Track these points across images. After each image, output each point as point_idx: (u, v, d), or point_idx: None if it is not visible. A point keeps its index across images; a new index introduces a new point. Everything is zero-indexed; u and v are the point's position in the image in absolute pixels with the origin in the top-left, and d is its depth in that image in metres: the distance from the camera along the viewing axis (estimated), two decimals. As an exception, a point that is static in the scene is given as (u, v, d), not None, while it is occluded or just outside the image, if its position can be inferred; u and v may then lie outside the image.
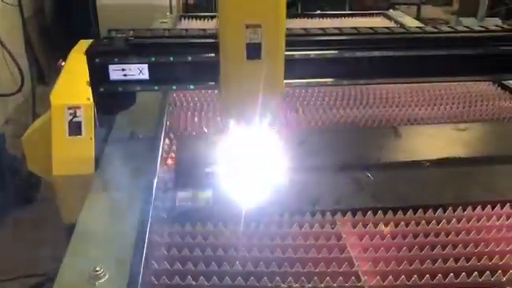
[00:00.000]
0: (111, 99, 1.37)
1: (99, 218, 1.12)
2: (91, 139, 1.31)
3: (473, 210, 1.15)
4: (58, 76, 1.47)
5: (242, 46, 1.03)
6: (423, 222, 1.10)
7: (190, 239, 1.05)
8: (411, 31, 1.56)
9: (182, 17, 3.04)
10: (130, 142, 1.41)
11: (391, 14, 2.97)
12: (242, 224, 1.08)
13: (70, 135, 1.31)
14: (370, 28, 1.52)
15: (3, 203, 2.84)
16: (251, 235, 1.06)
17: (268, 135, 1.15)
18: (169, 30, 1.62)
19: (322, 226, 1.10)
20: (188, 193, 1.18)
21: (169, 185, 1.26)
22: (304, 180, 1.25)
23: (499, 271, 0.95)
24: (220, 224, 1.09)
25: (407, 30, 1.59)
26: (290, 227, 1.09)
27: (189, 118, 1.64)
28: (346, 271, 0.96)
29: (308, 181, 1.25)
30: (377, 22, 2.90)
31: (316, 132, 1.59)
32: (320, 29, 1.50)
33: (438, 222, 1.10)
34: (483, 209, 1.15)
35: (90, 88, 1.33)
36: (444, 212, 1.14)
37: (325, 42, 1.43)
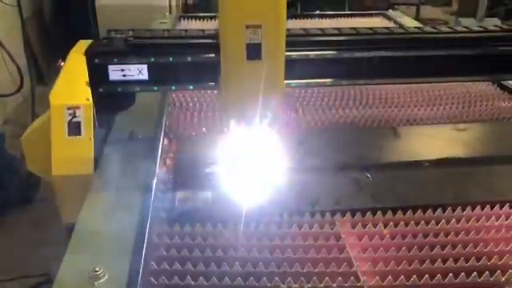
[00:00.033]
0: (110, 99, 1.37)
1: (99, 218, 1.12)
2: (90, 139, 1.31)
3: (472, 210, 1.15)
4: (58, 76, 1.47)
5: (243, 47, 1.03)
6: (422, 222, 1.10)
7: (190, 240, 1.05)
8: (410, 31, 1.57)
9: (182, 17, 3.04)
10: (129, 143, 1.41)
11: (390, 15, 2.98)
12: (242, 224, 1.08)
13: (70, 135, 1.30)
14: (370, 28, 1.52)
15: (2, 203, 2.84)
16: (250, 235, 1.06)
17: (268, 135, 1.15)
18: (168, 31, 1.62)
19: (322, 227, 1.10)
20: (187, 193, 1.19)
21: (168, 185, 1.26)
22: (303, 180, 1.25)
23: (498, 271, 0.95)
24: (219, 224, 1.09)
25: (406, 31, 1.59)
26: (290, 227, 1.09)
27: (188, 119, 1.64)
28: (345, 271, 0.97)
29: (307, 181, 1.25)
30: (376, 23, 2.90)
31: (315, 132, 1.59)
32: (319, 29, 1.50)
33: (438, 222, 1.10)
34: (482, 209, 1.15)
35: (90, 88, 1.33)
36: (443, 212, 1.14)
37: (324, 43, 1.43)
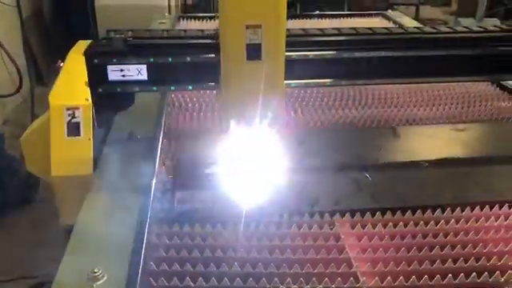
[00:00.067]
0: (109, 100, 1.37)
1: (98, 219, 1.12)
2: (90, 140, 1.31)
3: (471, 211, 1.15)
4: (57, 77, 1.47)
5: (243, 47, 1.03)
6: (421, 223, 1.10)
7: (189, 240, 1.05)
8: (410, 32, 1.57)
9: (181, 17, 3.04)
10: (129, 143, 1.41)
11: (390, 15, 2.98)
12: (241, 225, 1.08)
13: (69, 136, 1.30)
14: (369, 28, 1.52)
15: (2, 204, 2.84)
16: (250, 236, 1.06)
17: (267, 136, 1.15)
18: (167, 31, 1.62)
19: (321, 227, 1.10)
20: (186, 193, 1.18)
21: (167, 185, 1.26)
22: (302, 180, 1.25)
23: (497, 272, 0.95)
24: (218, 225, 1.09)
25: (406, 31, 1.59)
26: (289, 228, 1.09)
27: (187, 119, 1.64)
28: (345, 272, 0.96)
29: (306, 181, 1.25)
30: (375, 23, 2.90)
31: (315, 132, 1.59)
32: (318, 29, 1.50)
33: (437, 223, 1.10)
34: (481, 209, 1.15)
35: (89, 89, 1.32)
36: (443, 212, 1.14)
37: (323, 43, 1.43)
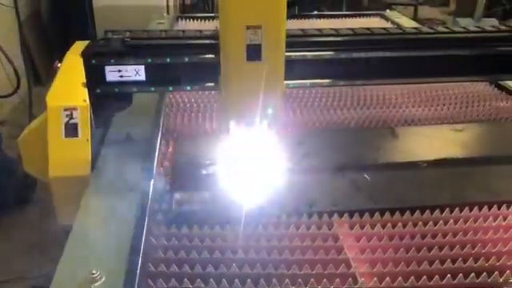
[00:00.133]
0: (107, 100, 1.37)
1: (95, 220, 1.11)
2: (88, 141, 1.30)
3: (470, 211, 1.15)
4: (54, 77, 1.46)
5: (243, 47, 1.03)
6: (420, 223, 1.10)
7: (187, 241, 1.05)
8: (408, 32, 1.56)
9: (179, 18, 3.04)
10: (126, 144, 1.41)
11: (388, 15, 2.98)
12: (239, 226, 1.07)
13: (67, 137, 1.30)
14: (367, 29, 1.52)
15: (-1, 204, 2.83)
16: (248, 237, 1.06)
17: (266, 136, 1.14)
18: (165, 31, 1.62)
19: (319, 228, 1.10)
20: (184, 194, 1.18)
21: (166, 186, 1.25)
22: (301, 181, 1.24)
23: (496, 272, 0.95)
24: (217, 226, 1.09)
25: (404, 31, 1.59)
26: (287, 229, 1.09)
27: (186, 119, 1.63)
28: (343, 273, 0.96)
29: (305, 182, 1.25)
30: (374, 23, 2.90)
31: (313, 133, 1.58)
32: (317, 30, 1.50)
33: (436, 223, 1.10)
34: (480, 209, 1.15)
35: (87, 89, 1.32)
36: (441, 213, 1.14)
37: (322, 43, 1.43)
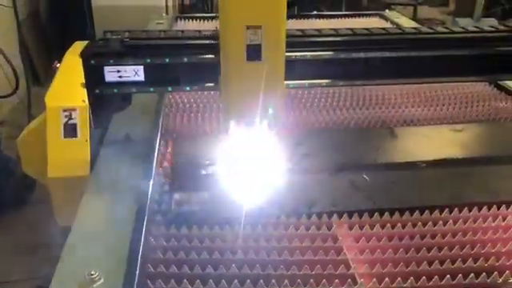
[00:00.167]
0: (106, 100, 1.37)
1: (94, 221, 1.11)
2: (87, 141, 1.30)
3: (469, 211, 1.15)
4: (53, 78, 1.46)
5: (243, 48, 1.03)
6: (419, 224, 1.10)
7: (186, 242, 1.04)
8: (407, 32, 1.56)
9: (178, 18, 3.04)
10: (125, 144, 1.41)
11: (387, 15, 2.98)
12: (238, 226, 1.07)
13: (66, 137, 1.30)
14: (366, 29, 1.51)
15: (-2, 205, 2.83)
16: (247, 237, 1.06)
17: (265, 136, 1.14)
18: (164, 32, 1.62)
19: (319, 228, 1.09)
20: (184, 195, 1.18)
21: (165, 187, 1.25)
22: (300, 181, 1.24)
23: (495, 272, 0.95)
24: (216, 226, 1.09)
25: (403, 31, 1.59)
26: (286, 229, 1.09)
27: (185, 120, 1.63)
28: (343, 273, 0.96)
29: (304, 182, 1.25)
30: (373, 23, 2.90)
31: (312, 133, 1.58)
32: (316, 30, 1.50)
33: (435, 224, 1.10)
34: (479, 210, 1.15)
35: (86, 90, 1.32)
36: (441, 213, 1.14)
37: (321, 43, 1.43)
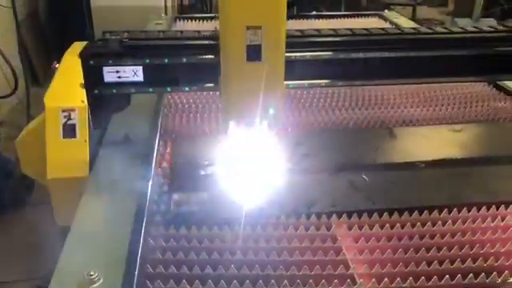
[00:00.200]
0: (105, 101, 1.36)
1: (93, 221, 1.11)
2: (86, 141, 1.30)
3: (468, 212, 1.15)
4: (52, 78, 1.46)
5: (243, 48, 1.03)
6: (419, 224, 1.10)
7: (185, 242, 1.04)
8: (406, 32, 1.56)
9: (177, 18, 3.04)
10: (124, 144, 1.41)
11: (386, 15, 2.98)
12: (237, 227, 1.07)
13: (65, 138, 1.30)
14: (365, 29, 1.51)
15: (-4, 205, 2.83)
16: (246, 238, 1.06)
17: (265, 137, 1.14)
18: (163, 32, 1.62)
19: (318, 229, 1.09)
20: (183, 195, 1.18)
21: (164, 187, 1.25)
22: (299, 182, 1.24)
23: (494, 272, 0.95)
24: (215, 227, 1.09)
25: (402, 31, 1.59)
26: (286, 230, 1.09)
27: (184, 120, 1.63)
28: (342, 274, 0.96)
29: (303, 182, 1.25)
30: (372, 23, 2.90)
31: (311, 134, 1.58)
32: (315, 30, 1.50)
33: (434, 224, 1.10)
34: (479, 210, 1.15)
35: (85, 90, 1.32)
36: (440, 213, 1.14)
37: (320, 44, 1.43)
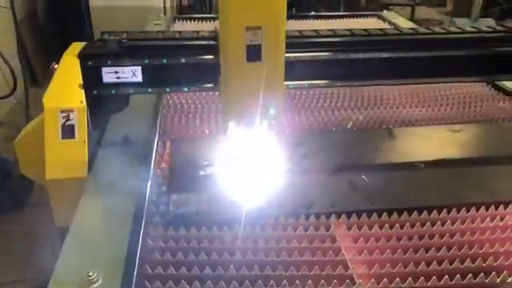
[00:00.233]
0: (104, 101, 1.36)
1: (92, 222, 1.11)
2: (84, 142, 1.30)
3: (467, 212, 1.15)
4: (51, 79, 1.46)
5: (243, 48, 1.03)
6: (418, 224, 1.10)
7: (184, 243, 1.04)
8: (405, 32, 1.57)
9: (176, 18, 3.03)
10: (123, 145, 1.41)
11: (385, 16, 2.98)
12: (236, 227, 1.07)
13: (63, 138, 1.30)
14: (364, 30, 1.51)
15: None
16: (245, 238, 1.06)
17: (264, 137, 1.14)
18: (162, 32, 1.62)
19: (317, 229, 1.09)
20: (182, 196, 1.18)
21: (163, 188, 1.25)
22: (298, 182, 1.24)
23: (493, 272, 0.95)
24: (214, 227, 1.08)
25: (401, 32, 1.59)
26: (285, 230, 1.09)
27: (183, 121, 1.63)
28: (341, 274, 0.96)
29: (302, 183, 1.25)
30: (371, 24, 2.91)
31: (310, 134, 1.58)
32: (314, 31, 1.50)
33: (433, 224, 1.10)
34: (478, 210, 1.15)
35: (83, 91, 1.32)
36: (439, 214, 1.14)
37: (319, 44, 1.43)
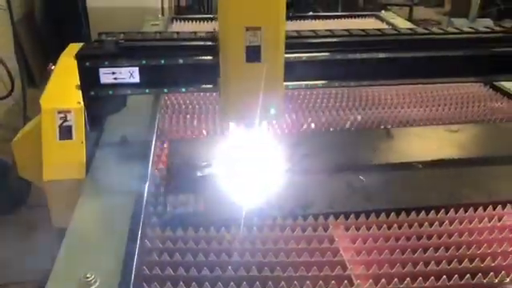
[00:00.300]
0: (101, 102, 1.36)
1: (90, 224, 1.11)
2: (82, 143, 1.30)
3: (465, 212, 1.15)
4: (48, 79, 1.46)
5: (242, 49, 1.02)
6: (416, 225, 1.10)
7: (182, 244, 1.04)
8: (403, 33, 1.57)
9: (174, 19, 3.03)
10: (121, 146, 1.40)
11: (383, 16, 2.98)
12: (235, 228, 1.07)
13: (61, 139, 1.29)
14: (362, 30, 1.51)
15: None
16: (243, 239, 1.06)
17: (262, 137, 1.14)
18: (160, 33, 1.61)
19: (315, 230, 1.09)
20: (179, 197, 1.18)
21: (160, 189, 1.25)
22: (296, 182, 1.24)
23: (491, 273, 0.95)
24: (212, 228, 1.08)
25: (399, 32, 1.59)
26: (283, 231, 1.09)
27: (181, 121, 1.63)
28: (339, 275, 0.96)
29: (300, 183, 1.25)
30: (369, 24, 2.91)
31: (309, 134, 1.58)
32: (312, 31, 1.50)
33: (431, 224, 1.10)
34: (475, 210, 1.15)
35: (81, 92, 1.31)
36: (437, 214, 1.14)
37: (317, 45, 1.42)
